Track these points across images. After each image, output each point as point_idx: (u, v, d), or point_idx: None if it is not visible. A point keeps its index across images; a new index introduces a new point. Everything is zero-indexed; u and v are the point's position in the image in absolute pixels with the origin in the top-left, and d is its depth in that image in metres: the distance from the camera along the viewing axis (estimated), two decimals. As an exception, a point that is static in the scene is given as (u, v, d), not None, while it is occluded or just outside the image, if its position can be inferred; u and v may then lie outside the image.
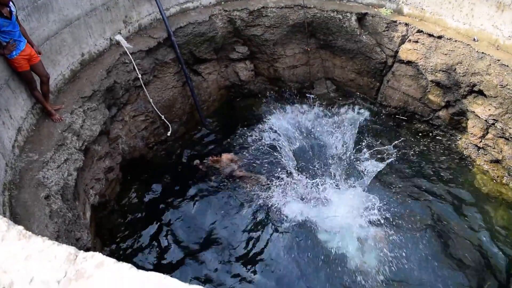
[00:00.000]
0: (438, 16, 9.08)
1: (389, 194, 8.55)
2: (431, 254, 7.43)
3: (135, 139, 8.80)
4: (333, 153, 9.54)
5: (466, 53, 8.39)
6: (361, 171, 9.03)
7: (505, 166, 8.38)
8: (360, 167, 9.10)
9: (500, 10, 7.83)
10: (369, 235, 7.69)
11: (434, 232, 7.85)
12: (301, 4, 10.09)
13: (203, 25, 9.50)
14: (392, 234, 7.70)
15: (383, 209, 8.14)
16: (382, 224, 7.86)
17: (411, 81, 9.79)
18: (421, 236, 7.75)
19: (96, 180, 7.28)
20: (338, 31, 10.21)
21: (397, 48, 9.71)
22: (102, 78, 7.56)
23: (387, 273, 7.11)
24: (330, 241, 7.67)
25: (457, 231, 7.87)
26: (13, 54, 5.62)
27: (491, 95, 8.05)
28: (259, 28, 10.30)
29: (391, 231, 7.75)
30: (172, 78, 9.47)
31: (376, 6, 10.04)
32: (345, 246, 7.58)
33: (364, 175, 8.88)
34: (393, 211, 8.15)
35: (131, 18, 8.61)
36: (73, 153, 6.27)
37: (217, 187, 8.82)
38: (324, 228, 7.86)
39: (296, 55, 10.99)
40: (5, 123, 5.52)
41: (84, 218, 6.45)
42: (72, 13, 7.09)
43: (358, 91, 11.16)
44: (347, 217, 8.03)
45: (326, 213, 8.13)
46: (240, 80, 10.97)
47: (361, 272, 7.14)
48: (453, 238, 7.75)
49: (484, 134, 8.63)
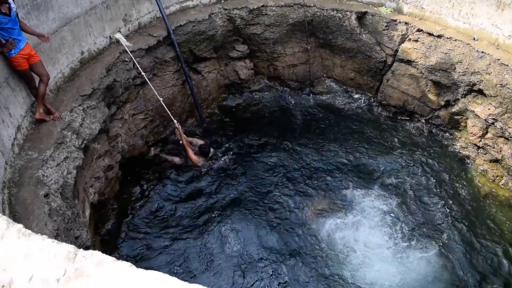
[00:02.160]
0: (438, 15, 9.09)
1: (385, 193, 8.55)
2: (429, 254, 7.44)
3: (134, 138, 8.79)
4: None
5: (466, 52, 8.40)
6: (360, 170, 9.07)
7: (504, 165, 8.39)
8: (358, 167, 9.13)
9: (500, 9, 7.83)
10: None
11: (432, 231, 7.85)
12: (301, 2, 10.09)
13: (203, 24, 9.49)
14: (387, 233, 7.72)
15: (378, 207, 8.17)
16: (378, 222, 7.89)
17: (411, 80, 9.79)
18: (417, 235, 7.76)
19: (96, 179, 7.28)
20: (338, 30, 10.21)
21: (397, 47, 9.72)
22: (102, 77, 7.55)
23: (386, 271, 7.14)
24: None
25: (456, 231, 7.88)
26: (12, 52, 5.59)
27: (491, 94, 8.05)
28: (259, 26, 10.29)
29: (385, 229, 7.76)
30: (171, 76, 9.46)
31: (376, 5, 10.04)
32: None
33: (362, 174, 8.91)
34: (388, 210, 8.17)
35: (131, 17, 8.60)
36: (72, 151, 6.26)
37: (218, 184, 8.82)
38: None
39: (296, 54, 10.99)
40: (5, 121, 5.52)
41: (83, 216, 6.46)
42: (71, 11, 7.07)
43: (357, 90, 11.16)
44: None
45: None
46: (239, 79, 10.97)
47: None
48: (452, 238, 7.75)
49: (483, 134, 8.63)
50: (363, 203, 8.29)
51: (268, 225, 7.97)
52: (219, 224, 7.99)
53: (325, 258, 7.35)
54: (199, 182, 8.88)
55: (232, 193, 8.63)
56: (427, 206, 8.31)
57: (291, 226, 7.94)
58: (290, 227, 7.92)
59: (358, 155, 9.44)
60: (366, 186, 8.70)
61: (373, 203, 8.28)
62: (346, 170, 9.09)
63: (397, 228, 7.83)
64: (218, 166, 9.18)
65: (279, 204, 8.35)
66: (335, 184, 8.74)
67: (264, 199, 8.46)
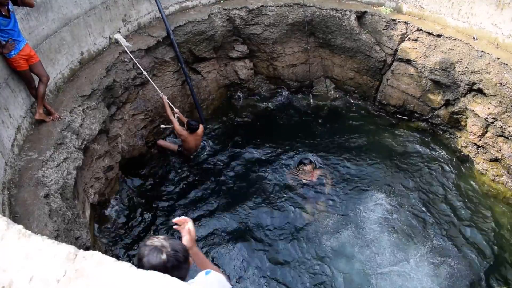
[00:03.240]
0: (437, 15, 9.09)
1: (386, 193, 8.55)
2: (428, 254, 7.44)
3: (134, 138, 8.79)
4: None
5: (465, 52, 8.40)
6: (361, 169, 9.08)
7: (504, 164, 8.39)
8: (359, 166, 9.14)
9: (500, 8, 7.83)
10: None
11: (432, 231, 7.85)
12: (301, 2, 10.09)
13: (203, 24, 9.50)
14: (388, 235, 7.72)
15: (379, 207, 8.17)
16: (378, 222, 7.89)
17: (411, 80, 9.79)
18: (417, 235, 7.76)
19: (96, 179, 7.29)
20: (337, 30, 10.21)
21: (396, 46, 9.72)
22: (102, 77, 7.55)
23: (383, 273, 7.14)
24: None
25: (457, 230, 7.88)
26: (11, 53, 5.60)
27: (491, 93, 8.05)
28: (258, 26, 10.29)
29: (386, 232, 7.76)
30: (171, 76, 9.46)
31: (375, 4, 10.04)
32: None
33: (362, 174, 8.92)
34: (389, 209, 8.17)
35: (131, 17, 8.60)
36: (72, 152, 6.27)
37: (218, 185, 8.83)
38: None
39: (296, 54, 10.99)
40: (5, 122, 5.52)
41: (83, 217, 6.45)
42: (71, 11, 7.07)
43: (357, 89, 11.16)
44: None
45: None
46: (239, 79, 10.97)
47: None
48: (452, 237, 7.75)
49: (483, 133, 8.63)
50: (364, 208, 8.27)
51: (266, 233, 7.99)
52: (221, 221, 7.99)
53: (321, 265, 7.36)
54: (200, 180, 8.89)
55: (232, 194, 8.64)
56: (427, 207, 8.28)
57: (290, 231, 7.95)
58: (289, 232, 7.94)
59: (357, 158, 9.42)
60: (366, 190, 8.68)
61: (373, 207, 8.26)
62: (344, 172, 9.09)
63: (397, 230, 7.81)
64: (216, 165, 9.22)
65: (275, 206, 8.37)
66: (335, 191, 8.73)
67: (262, 204, 8.49)
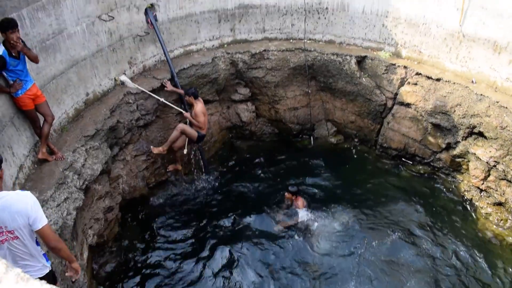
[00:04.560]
0: (436, 59, 9.28)
1: (387, 237, 8.39)
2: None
3: (135, 179, 8.75)
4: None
5: (464, 95, 8.51)
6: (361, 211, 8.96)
7: (508, 208, 8.28)
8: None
9: (497, 52, 8.02)
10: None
11: (435, 278, 7.61)
12: (302, 47, 10.35)
13: (206, 67, 9.70)
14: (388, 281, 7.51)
15: (377, 252, 8.01)
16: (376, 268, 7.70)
17: (411, 123, 9.87)
18: (419, 282, 7.53)
19: (95, 220, 7.18)
20: (338, 74, 10.41)
21: (396, 90, 9.86)
22: (106, 118, 7.62)
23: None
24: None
25: (461, 278, 7.65)
26: (18, 92, 5.69)
27: (491, 136, 8.09)
28: (260, 70, 10.51)
29: (386, 278, 7.55)
30: (174, 118, 9.54)
31: (375, 49, 10.29)
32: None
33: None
34: (388, 254, 7.99)
35: (136, 59, 8.80)
36: (73, 192, 6.21)
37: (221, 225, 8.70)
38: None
39: (297, 97, 11.14)
40: (8, 160, 5.51)
41: (81, 259, 6.31)
42: (78, 53, 7.24)
43: (358, 132, 11.23)
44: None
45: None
46: (241, 121, 11.07)
47: None
48: (456, 284, 7.51)
49: (486, 176, 8.59)
50: (366, 250, 8.12)
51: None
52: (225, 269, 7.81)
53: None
54: (201, 222, 8.76)
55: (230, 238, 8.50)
56: (430, 251, 8.09)
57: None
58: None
59: (360, 201, 9.36)
60: (368, 231, 8.55)
61: (374, 250, 8.11)
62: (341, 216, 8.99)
63: (391, 275, 7.61)
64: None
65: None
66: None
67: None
